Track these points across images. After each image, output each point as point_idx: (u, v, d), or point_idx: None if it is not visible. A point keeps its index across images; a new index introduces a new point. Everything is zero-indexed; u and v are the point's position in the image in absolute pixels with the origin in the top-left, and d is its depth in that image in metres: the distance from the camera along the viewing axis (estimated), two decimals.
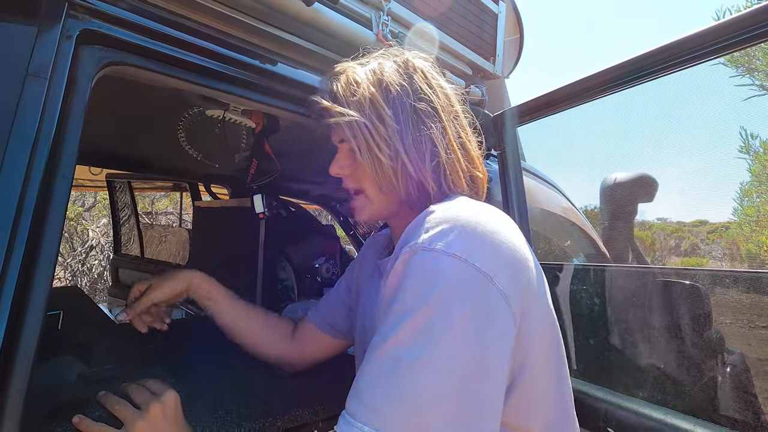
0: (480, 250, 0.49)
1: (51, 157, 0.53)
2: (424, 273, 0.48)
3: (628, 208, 1.52)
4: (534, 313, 0.53)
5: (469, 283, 0.47)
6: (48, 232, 0.52)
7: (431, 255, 0.48)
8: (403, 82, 0.65)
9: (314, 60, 0.93)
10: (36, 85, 0.53)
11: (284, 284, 1.61)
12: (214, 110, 0.91)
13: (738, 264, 5.22)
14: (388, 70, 0.66)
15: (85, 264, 6.04)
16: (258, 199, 1.02)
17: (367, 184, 0.68)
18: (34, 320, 0.50)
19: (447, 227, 0.50)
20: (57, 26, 0.56)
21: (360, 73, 0.67)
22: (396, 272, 0.51)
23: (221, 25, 0.80)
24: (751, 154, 2.30)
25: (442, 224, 0.51)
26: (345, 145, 0.70)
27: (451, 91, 0.71)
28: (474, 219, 0.52)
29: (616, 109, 1.09)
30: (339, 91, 0.66)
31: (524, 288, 0.52)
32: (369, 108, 0.64)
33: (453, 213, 0.53)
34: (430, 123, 0.64)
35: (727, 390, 0.91)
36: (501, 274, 0.49)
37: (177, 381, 0.81)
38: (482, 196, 0.70)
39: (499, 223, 0.55)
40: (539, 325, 0.55)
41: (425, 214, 0.54)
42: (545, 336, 0.56)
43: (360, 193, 0.70)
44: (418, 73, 0.68)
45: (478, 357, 0.46)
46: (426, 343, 0.45)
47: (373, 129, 0.63)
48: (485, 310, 0.47)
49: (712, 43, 0.77)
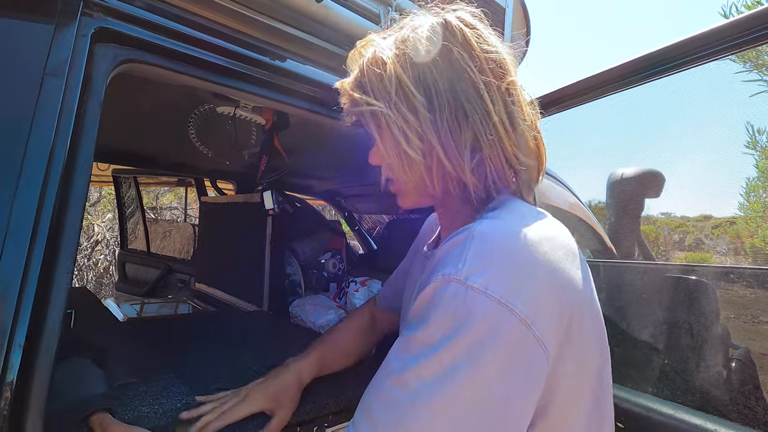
0: (522, 291, 0.43)
1: (70, 155, 0.54)
2: (455, 310, 0.43)
3: (635, 204, 1.52)
4: (569, 357, 0.47)
5: (505, 329, 0.42)
6: (68, 227, 0.53)
7: (466, 292, 0.42)
8: (440, 58, 0.54)
9: (322, 56, 0.93)
10: (54, 83, 0.54)
11: (291, 279, 1.62)
12: (225, 107, 0.92)
13: (742, 259, 5.20)
14: (421, 39, 0.55)
15: (90, 258, 6.07)
16: (268, 195, 1.02)
17: (399, 176, 0.60)
18: (56, 317, 0.51)
19: (488, 259, 0.44)
20: (72, 25, 0.57)
21: (386, 49, 0.56)
22: (425, 297, 0.46)
23: (233, 22, 0.80)
24: (758, 150, 2.29)
25: (483, 254, 0.45)
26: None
27: (506, 56, 0.57)
28: (522, 247, 0.45)
29: (623, 107, 1.09)
30: (363, 73, 0.57)
31: (565, 329, 0.46)
32: (396, 94, 0.54)
33: (499, 237, 0.46)
34: (472, 107, 0.53)
35: (734, 386, 0.92)
36: (541, 317, 0.44)
37: (188, 381, 0.82)
38: (537, 183, 0.61)
39: (552, 248, 0.48)
40: (573, 369, 0.48)
41: (468, 234, 0.47)
42: (578, 379, 0.50)
43: (396, 182, 0.62)
44: (459, 39, 0.55)
45: (501, 406, 0.42)
46: (448, 384, 0.41)
47: (401, 120, 0.54)
48: (517, 358, 0.43)
49: (723, 41, 0.77)
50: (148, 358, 0.92)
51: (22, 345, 0.47)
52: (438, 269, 0.46)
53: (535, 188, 0.63)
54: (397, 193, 0.64)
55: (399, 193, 0.64)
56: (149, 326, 1.38)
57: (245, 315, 1.59)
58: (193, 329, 1.31)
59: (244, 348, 1.08)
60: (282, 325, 1.39)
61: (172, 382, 0.80)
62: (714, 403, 0.90)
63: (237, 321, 1.45)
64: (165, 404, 0.72)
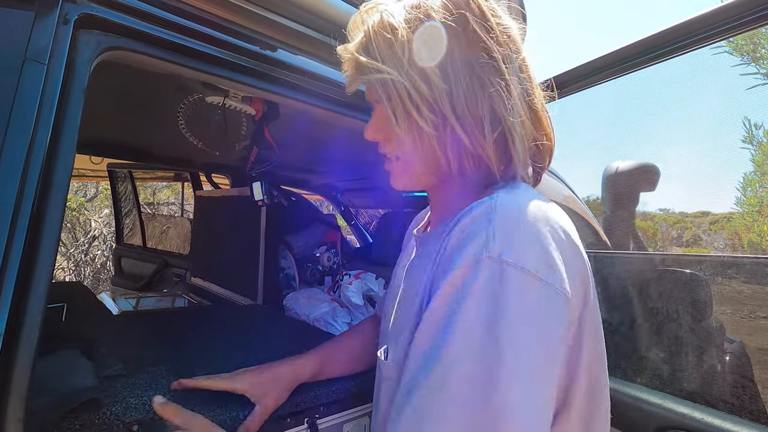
0: (553, 264, 0.43)
1: (51, 143, 0.53)
2: (493, 290, 0.41)
3: (630, 197, 1.52)
4: (588, 322, 0.48)
5: (544, 301, 0.42)
6: (49, 218, 0.52)
7: (503, 269, 0.41)
8: (454, 24, 0.51)
9: (312, 46, 0.92)
10: (34, 69, 0.53)
11: (285, 273, 1.62)
12: (214, 97, 0.91)
13: (740, 254, 5.22)
14: (434, 6, 0.52)
15: (88, 254, 6.07)
16: (257, 186, 1.01)
17: (407, 151, 0.56)
18: (37, 308, 0.50)
19: (516, 233, 0.43)
20: (54, 10, 0.56)
21: (396, 14, 0.53)
22: (457, 277, 0.43)
23: (221, 10, 0.79)
24: (754, 144, 2.28)
25: (510, 228, 0.44)
26: (381, 105, 0.57)
27: (517, 33, 0.56)
28: (545, 220, 0.45)
29: (617, 96, 1.09)
30: (370, 38, 0.53)
31: (584, 296, 0.48)
32: (408, 62, 0.51)
33: (523, 210, 0.45)
34: (490, 79, 0.51)
35: (725, 377, 0.92)
36: (571, 287, 0.44)
37: (178, 373, 0.82)
38: (547, 167, 0.60)
39: (568, 221, 0.49)
40: (591, 333, 0.49)
41: (488, 207, 0.46)
42: (596, 343, 0.50)
43: (398, 158, 0.59)
44: (475, 10, 0.52)
45: (551, 368, 0.43)
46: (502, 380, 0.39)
47: (413, 90, 0.51)
48: (557, 326, 0.43)
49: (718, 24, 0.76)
50: (138, 351, 0.92)
51: (2, 335, 0.46)
52: (463, 246, 0.44)
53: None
54: (392, 171, 0.61)
55: (395, 171, 0.60)
56: (143, 320, 1.37)
57: (240, 308, 1.58)
58: (186, 323, 1.30)
59: (236, 342, 1.08)
60: (276, 318, 1.38)
61: (161, 374, 0.80)
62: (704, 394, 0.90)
63: (231, 315, 1.45)
64: (152, 395, 0.72)
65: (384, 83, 0.52)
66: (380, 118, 0.60)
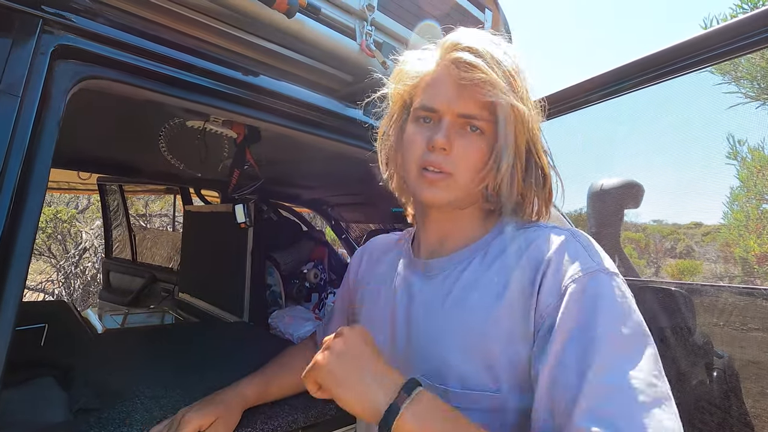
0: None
1: (22, 175, 0.53)
2: (613, 295, 0.51)
3: (615, 214, 1.53)
4: None
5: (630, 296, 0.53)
6: (18, 250, 0.52)
7: (610, 277, 0.52)
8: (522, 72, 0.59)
9: (297, 69, 0.93)
10: (7, 102, 0.53)
11: (272, 290, 1.62)
12: (195, 121, 0.91)
13: (731, 266, 5.24)
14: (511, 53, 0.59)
15: (78, 266, 6.00)
16: (239, 209, 1.01)
17: (466, 173, 0.59)
18: (5, 332, 0.49)
19: (599, 251, 0.56)
20: (30, 42, 0.57)
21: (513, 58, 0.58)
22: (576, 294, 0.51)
23: (203, 34, 0.80)
24: (738, 160, 2.33)
25: (594, 248, 0.56)
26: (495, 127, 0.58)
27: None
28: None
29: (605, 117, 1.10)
30: (506, 68, 0.56)
31: None
32: (527, 100, 0.58)
33: (583, 234, 0.58)
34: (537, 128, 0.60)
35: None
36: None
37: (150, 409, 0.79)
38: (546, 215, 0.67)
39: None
40: None
41: (570, 233, 0.58)
42: None
43: (450, 176, 0.59)
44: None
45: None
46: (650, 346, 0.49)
47: (529, 125, 0.57)
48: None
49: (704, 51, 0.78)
50: (116, 378, 0.89)
51: None
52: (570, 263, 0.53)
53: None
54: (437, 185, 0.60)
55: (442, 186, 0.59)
56: (126, 340, 1.36)
57: (224, 326, 1.57)
58: (170, 342, 1.29)
59: (219, 363, 1.07)
60: (260, 336, 1.37)
61: (135, 409, 0.78)
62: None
63: (215, 333, 1.44)
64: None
65: (512, 111, 0.56)
66: (474, 139, 0.59)
